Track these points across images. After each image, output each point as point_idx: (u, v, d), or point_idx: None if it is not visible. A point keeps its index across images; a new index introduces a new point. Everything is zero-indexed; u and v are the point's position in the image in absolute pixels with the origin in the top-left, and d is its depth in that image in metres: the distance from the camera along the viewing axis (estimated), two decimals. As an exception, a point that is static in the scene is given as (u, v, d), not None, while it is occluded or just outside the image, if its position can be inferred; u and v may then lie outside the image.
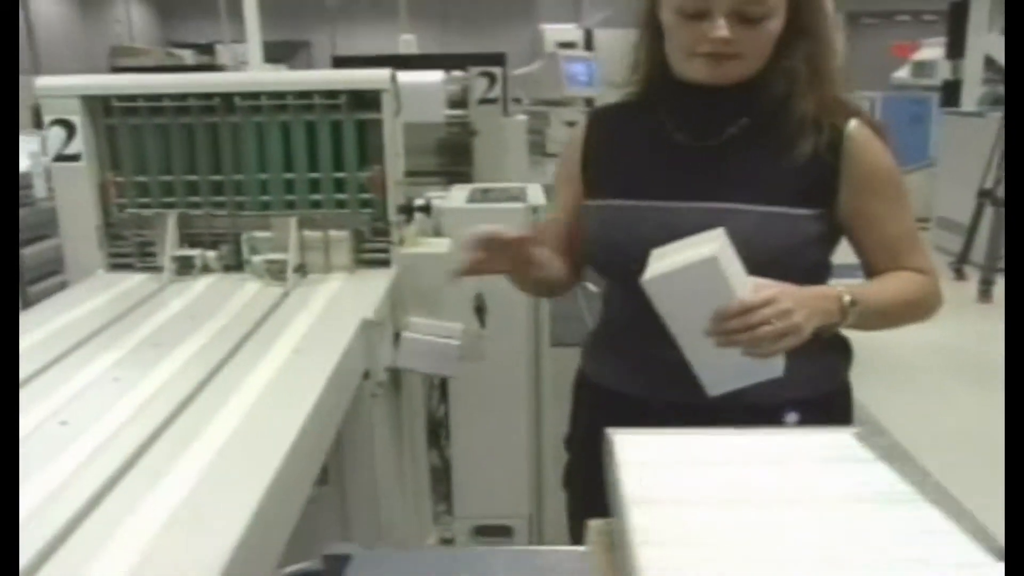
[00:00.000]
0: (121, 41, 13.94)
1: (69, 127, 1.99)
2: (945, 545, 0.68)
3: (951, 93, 7.28)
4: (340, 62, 5.59)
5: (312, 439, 1.28)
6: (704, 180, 1.40)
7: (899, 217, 1.43)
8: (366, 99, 2.01)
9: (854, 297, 1.33)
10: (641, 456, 0.81)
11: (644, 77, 1.48)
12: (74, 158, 2.00)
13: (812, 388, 1.45)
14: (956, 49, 7.19)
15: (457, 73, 3.94)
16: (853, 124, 1.39)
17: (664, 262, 1.20)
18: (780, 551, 0.66)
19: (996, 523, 0.85)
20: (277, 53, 11.33)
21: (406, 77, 3.39)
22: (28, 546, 0.88)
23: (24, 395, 1.32)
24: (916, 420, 4.08)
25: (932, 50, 8.79)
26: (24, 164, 3.18)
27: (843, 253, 1.53)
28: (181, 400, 1.30)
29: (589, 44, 10.40)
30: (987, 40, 7.07)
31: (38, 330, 1.64)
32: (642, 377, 1.50)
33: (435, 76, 3.73)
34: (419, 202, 2.16)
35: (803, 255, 1.39)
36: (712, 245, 1.17)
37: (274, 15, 12.56)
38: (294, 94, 1.99)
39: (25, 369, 1.42)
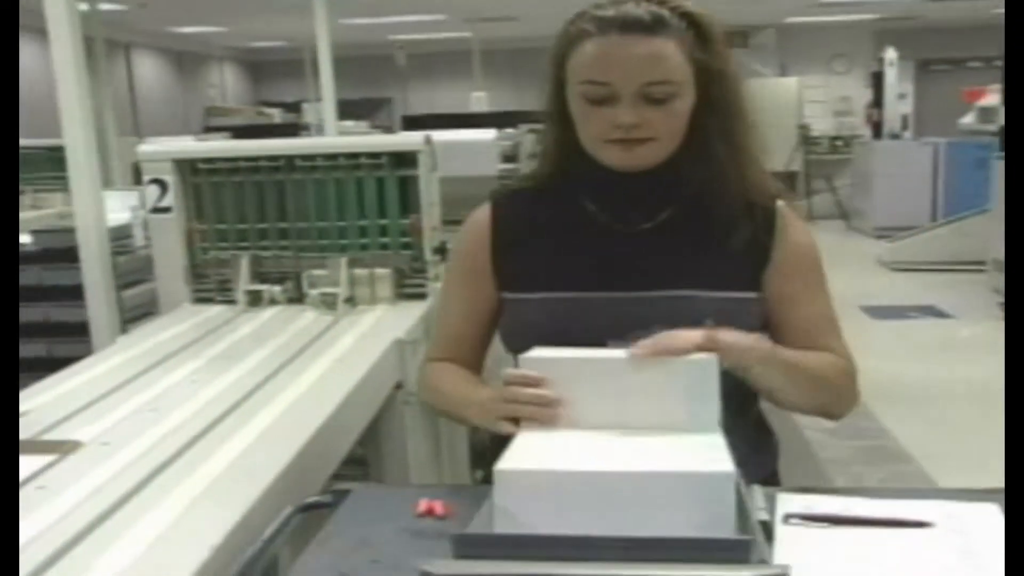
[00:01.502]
0: (215, 101, 14.85)
1: (163, 185, 2.43)
2: (707, 449, 1.02)
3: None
4: (409, 121, 6.11)
5: (339, 427, 1.65)
6: (648, 267, 1.34)
7: (818, 300, 1.39)
8: (405, 159, 2.41)
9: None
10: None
11: (555, 163, 1.42)
12: (166, 210, 2.45)
13: (765, 468, 1.48)
14: (1010, 95, 7.35)
15: (509, 130, 4.35)
16: (780, 204, 1.38)
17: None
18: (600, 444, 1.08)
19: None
20: (360, 110, 11.99)
21: (463, 135, 3.82)
22: (128, 480, 1.28)
23: (125, 391, 1.74)
24: (944, 450, 4.26)
25: (997, 95, 8.84)
26: (125, 216, 3.54)
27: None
28: (245, 393, 1.70)
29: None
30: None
31: (137, 346, 2.06)
32: None
33: (488, 134, 4.14)
34: (451, 244, 2.53)
35: None
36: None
37: (358, 75, 13.31)
38: (345, 155, 2.41)
39: (127, 373, 1.84)
